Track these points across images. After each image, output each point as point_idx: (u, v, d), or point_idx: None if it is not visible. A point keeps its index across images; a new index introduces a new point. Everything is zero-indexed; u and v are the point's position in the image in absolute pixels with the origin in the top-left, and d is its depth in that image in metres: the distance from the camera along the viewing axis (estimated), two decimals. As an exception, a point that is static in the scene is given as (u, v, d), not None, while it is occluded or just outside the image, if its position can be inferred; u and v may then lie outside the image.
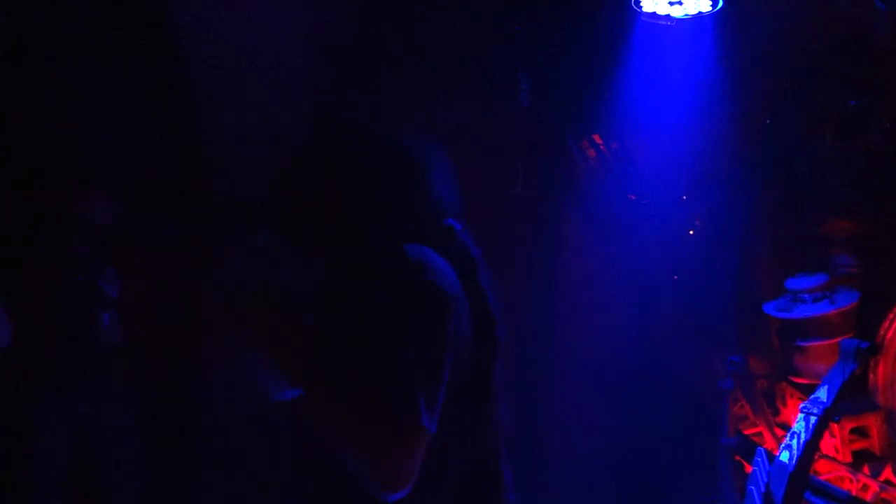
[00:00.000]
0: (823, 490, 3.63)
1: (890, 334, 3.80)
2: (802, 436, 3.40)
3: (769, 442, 4.24)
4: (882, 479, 3.81)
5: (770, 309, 4.29)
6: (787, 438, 3.45)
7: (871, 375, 3.83)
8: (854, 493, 3.74)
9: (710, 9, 3.96)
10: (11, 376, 3.84)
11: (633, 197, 4.80)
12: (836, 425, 3.84)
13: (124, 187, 4.10)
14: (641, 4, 3.98)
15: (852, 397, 3.62)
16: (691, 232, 4.70)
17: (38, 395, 3.82)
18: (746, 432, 4.37)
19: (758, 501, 3.49)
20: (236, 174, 4.20)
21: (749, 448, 4.02)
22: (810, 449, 3.37)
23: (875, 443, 3.94)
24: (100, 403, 3.86)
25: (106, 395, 3.88)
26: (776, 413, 4.43)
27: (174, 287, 3.87)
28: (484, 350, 1.70)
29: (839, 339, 3.86)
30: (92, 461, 3.88)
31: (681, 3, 3.93)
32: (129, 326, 3.88)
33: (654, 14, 4.03)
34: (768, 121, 4.58)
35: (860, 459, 3.91)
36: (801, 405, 3.51)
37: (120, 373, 3.90)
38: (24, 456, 3.79)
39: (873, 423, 3.93)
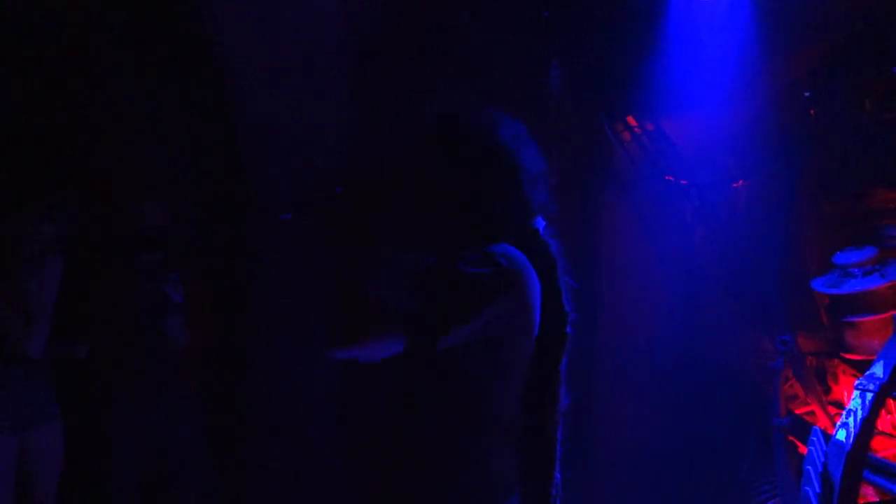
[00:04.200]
0: (883, 467, 3.56)
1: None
2: (859, 413, 3.34)
3: (822, 420, 4.18)
4: (942, 454, 3.74)
5: (818, 285, 4.22)
6: (844, 416, 3.39)
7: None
8: (914, 470, 3.66)
9: (745, -18, 3.88)
10: (87, 384, 3.93)
11: (673, 179, 4.73)
12: (892, 401, 3.78)
13: (174, 191, 4.16)
14: (674, -19, 3.92)
15: (909, 372, 3.55)
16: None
17: (111, 400, 3.90)
18: (798, 412, 4.30)
19: (815, 481, 3.44)
20: (275, 170, 4.23)
21: (802, 428, 3.97)
22: (868, 426, 3.31)
23: (933, 417, 3.87)
24: (168, 404, 3.92)
25: (173, 397, 3.94)
26: (828, 391, 4.36)
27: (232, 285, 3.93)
28: (554, 342, 1.89)
29: (892, 313, 3.79)
30: (162, 459, 3.95)
31: (715, -22, 3.87)
32: (192, 329, 3.95)
33: (688, -11, 3.97)
34: (807, 94, 4.50)
35: (919, 435, 3.84)
36: (857, 382, 3.44)
37: (186, 375, 3.97)
38: (99, 459, 3.88)
39: (931, 397, 3.86)
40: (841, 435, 3.33)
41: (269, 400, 4.39)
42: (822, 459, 3.40)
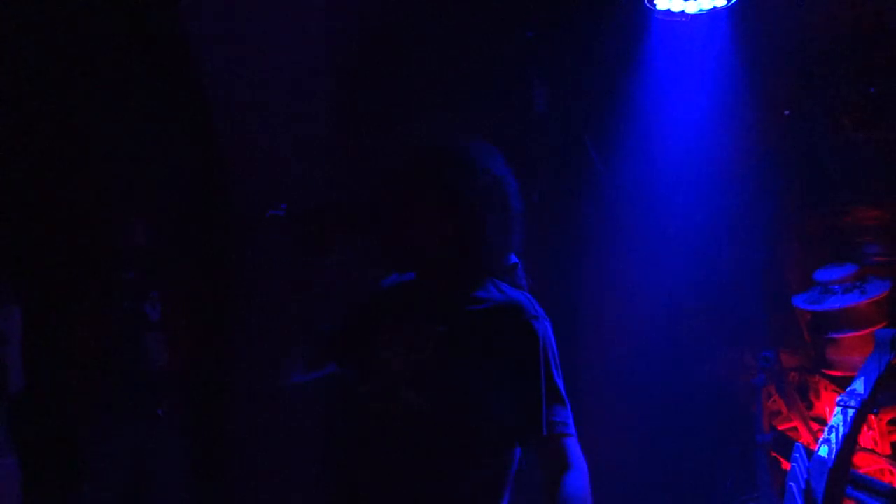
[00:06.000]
0: (865, 484, 3.57)
1: (925, 322, 3.75)
2: (841, 429, 3.34)
3: (804, 436, 4.19)
4: (923, 469, 3.76)
5: (799, 302, 4.25)
6: (826, 433, 3.40)
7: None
8: (896, 486, 3.68)
9: (724, 3, 3.93)
10: (65, 400, 3.89)
11: (655, 197, 4.76)
12: (873, 417, 3.79)
13: (155, 209, 4.14)
14: (655, 2, 3.96)
15: (890, 388, 3.57)
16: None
17: (91, 418, 3.86)
18: (781, 427, 4.32)
19: (798, 498, 3.44)
20: (259, 183, 4.22)
21: (785, 444, 3.97)
22: (849, 442, 3.31)
23: (914, 433, 3.89)
24: (148, 423, 3.89)
25: (152, 416, 3.91)
26: (810, 407, 4.38)
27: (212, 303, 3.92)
28: None
29: (872, 329, 3.80)
30: (143, 480, 3.91)
31: (695, -1, 3.92)
32: (171, 347, 3.93)
33: (668, 11, 4.01)
34: (787, 112, 4.54)
35: (900, 450, 3.86)
36: (838, 398, 3.45)
37: (165, 393, 3.94)
38: (79, 476, 3.84)
39: (911, 413, 3.88)
40: (823, 451, 3.34)
41: (249, 418, 4.37)
42: (805, 476, 3.41)
